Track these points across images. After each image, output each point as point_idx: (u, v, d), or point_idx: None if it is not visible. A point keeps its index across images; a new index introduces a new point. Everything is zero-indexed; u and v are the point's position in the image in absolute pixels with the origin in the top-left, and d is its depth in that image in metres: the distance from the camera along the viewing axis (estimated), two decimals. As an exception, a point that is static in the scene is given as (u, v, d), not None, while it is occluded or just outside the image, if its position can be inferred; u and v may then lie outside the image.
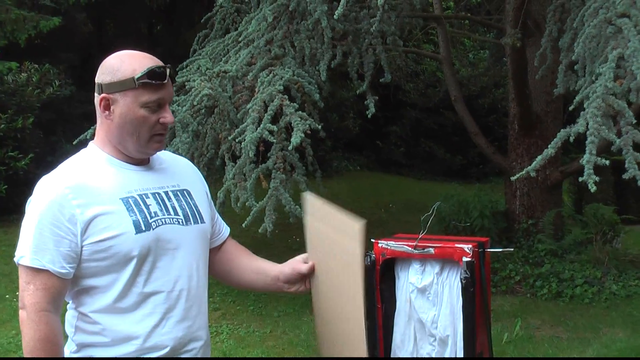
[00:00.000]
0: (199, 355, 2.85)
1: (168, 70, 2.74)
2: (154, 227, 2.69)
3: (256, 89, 8.35)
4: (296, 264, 3.03)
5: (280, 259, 3.26)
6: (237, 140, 8.05)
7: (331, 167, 17.17)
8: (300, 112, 7.94)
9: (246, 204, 7.94)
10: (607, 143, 6.55)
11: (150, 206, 2.72)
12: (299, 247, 11.26)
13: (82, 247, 2.62)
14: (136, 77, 2.67)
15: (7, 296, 9.31)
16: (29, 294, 2.58)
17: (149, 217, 2.69)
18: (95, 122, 8.42)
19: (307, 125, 7.67)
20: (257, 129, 7.67)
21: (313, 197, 3.02)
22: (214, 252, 3.11)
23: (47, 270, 2.58)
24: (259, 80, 8.42)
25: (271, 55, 8.78)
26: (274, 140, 7.95)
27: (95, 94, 2.78)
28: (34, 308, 2.57)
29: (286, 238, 11.26)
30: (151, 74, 2.69)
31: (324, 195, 9.36)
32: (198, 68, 9.27)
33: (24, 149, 12.39)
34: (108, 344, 2.68)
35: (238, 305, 9.31)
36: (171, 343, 2.72)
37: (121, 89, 2.69)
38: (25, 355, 2.59)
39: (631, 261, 10.54)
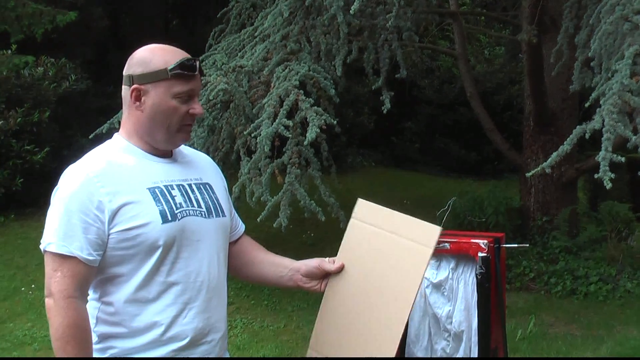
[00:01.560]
0: (217, 347, 2.88)
1: (198, 63, 2.80)
2: (179, 217, 2.73)
3: (272, 84, 8.36)
4: (322, 261, 3.07)
5: (294, 254, 3.28)
6: (252, 135, 8.06)
7: (346, 162, 17.15)
8: (315, 107, 7.94)
9: (261, 198, 7.95)
10: (623, 140, 6.52)
11: (175, 197, 2.76)
12: (314, 242, 11.33)
13: (108, 235, 2.65)
14: (169, 68, 2.73)
15: (22, 289, 9.36)
16: (56, 281, 2.59)
17: (174, 208, 2.73)
18: (111, 117, 8.43)
19: (323, 121, 7.67)
20: (272, 124, 7.67)
21: (366, 202, 3.07)
22: (229, 247, 3.13)
23: (74, 257, 2.60)
24: (274, 75, 8.42)
25: (287, 50, 8.78)
26: (290, 135, 7.95)
27: (124, 86, 2.82)
28: (62, 295, 2.58)
29: (301, 233, 11.28)
30: (183, 65, 2.75)
31: (339, 190, 9.31)
32: (214, 63, 9.29)
33: (40, 142, 12.44)
34: (129, 334, 2.70)
35: (252, 299, 9.33)
36: (191, 333, 2.75)
37: (153, 80, 2.74)
38: (54, 342, 2.60)
39: (646, 259, 10.52)
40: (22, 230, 11.64)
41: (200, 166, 3.02)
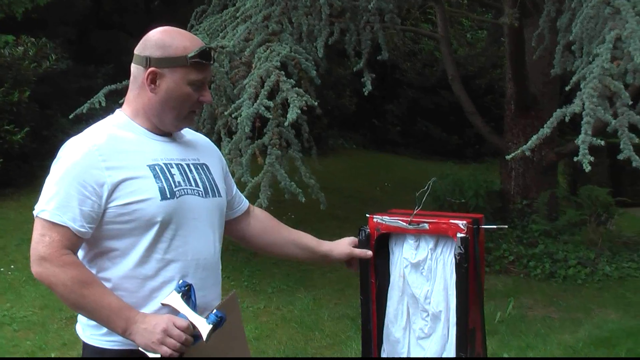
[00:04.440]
0: None
1: (213, 52, 2.82)
2: (177, 195, 2.78)
3: (253, 65, 8.35)
4: (352, 252, 3.40)
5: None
6: (233, 115, 8.05)
7: (327, 144, 17.15)
8: (296, 88, 7.93)
9: (241, 179, 7.95)
10: (602, 124, 6.56)
11: (174, 175, 2.81)
12: (294, 224, 11.26)
13: (106, 208, 2.68)
14: (189, 55, 2.77)
15: (1, 269, 9.32)
16: (44, 245, 2.60)
17: (173, 186, 2.77)
18: (91, 97, 8.35)
19: (304, 102, 7.66)
20: (253, 105, 7.66)
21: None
22: (243, 221, 3.35)
23: (66, 227, 2.62)
24: (255, 56, 8.41)
25: (268, 31, 8.76)
26: (270, 116, 7.94)
27: (137, 66, 2.84)
28: (54, 255, 2.59)
29: (281, 214, 11.18)
30: (203, 53, 2.80)
31: (320, 172, 9.27)
32: (195, 43, 9.26)
33: (19, 122, 12.35)
34: None
35: (232, 280, 9.33)
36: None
37: (172, 65, 2.78)
38: (69, 298, 2.63)
39: (624, 243, 10.60)
40: (1, 210, 11.56)
41: (197, 147, 3.07)
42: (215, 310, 2.72)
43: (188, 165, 2.91)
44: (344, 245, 3.38)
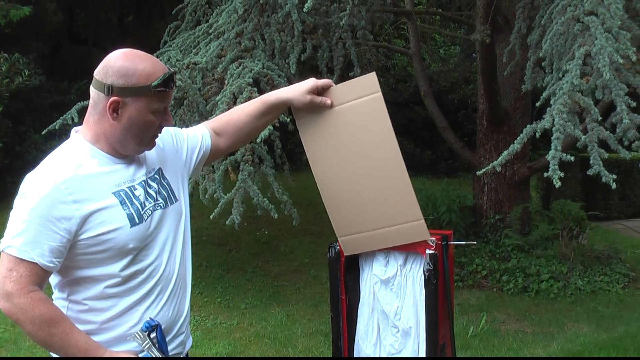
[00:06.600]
0: (184, 332, 2.99)
1: (175, 76, 2.80)
2: (145, 218, 2.78)
3: (225, 81, 8.34)
4: (307, 98, 3.30)
5: (247, 251, 3.34)
6: (206, 132, 8.04)
7: (300, 160, 17.11)
8: (269, 104, 7.92)
9: (214, 195, 7.94)
10: (573, 140, 6.59)
11: (139, 197, 2.80)
12: (267, 239, 11.33)
13: (77, 240, 2.65)
14: (153, 84, 2.70)
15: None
16: (12, 280, 2.58)
17: (140, 209, 2.77)
18: (64, 112, 8.29)
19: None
20: (225, 121, 7.65)
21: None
22: (215, 142, 3.34)
23: (34, 263, 2.59)
24: (228, 72, 8.40)
25: (241, 47, 8.76)
26: (243, 133, 7.92)
27: (98, 92, 2.74)
28: (22, 292, 2.58)
29: (254, 230, 11.26)
30: (166, 82, 2.74)
31: (293, 188, 9.26)
32: (168, 59, 9.25)
33: (-8, 138, 12.34)
34: (99, 330, 2.75)
35: (205, 297, 9.32)
36: (163, 323, 2.80)
37: (135, 95, 2.70)
38: (37, 336, 2.62)
39: (597, 257, 10.63)
40: (-27, 226, 11.51)
41: (147, 152, 2.98)
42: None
43: (146, 180, 2.89)
44: (303, 95, 3.30)
